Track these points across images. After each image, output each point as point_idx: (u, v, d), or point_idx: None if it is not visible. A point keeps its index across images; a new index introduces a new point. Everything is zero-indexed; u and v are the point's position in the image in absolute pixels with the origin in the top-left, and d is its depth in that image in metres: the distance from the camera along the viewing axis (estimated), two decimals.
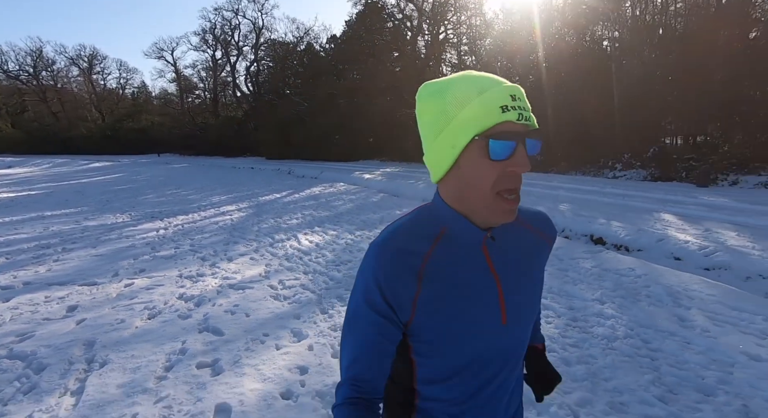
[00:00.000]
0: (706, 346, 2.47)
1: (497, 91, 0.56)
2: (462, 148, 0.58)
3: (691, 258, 4.46)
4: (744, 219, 5.66)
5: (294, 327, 2.95)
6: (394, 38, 22.22)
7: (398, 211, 8.03)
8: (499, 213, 0.60)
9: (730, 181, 8.49)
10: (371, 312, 0.62)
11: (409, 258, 0.61)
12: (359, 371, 0.63)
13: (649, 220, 5.90)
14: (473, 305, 0.64)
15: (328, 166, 19.48)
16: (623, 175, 10.73)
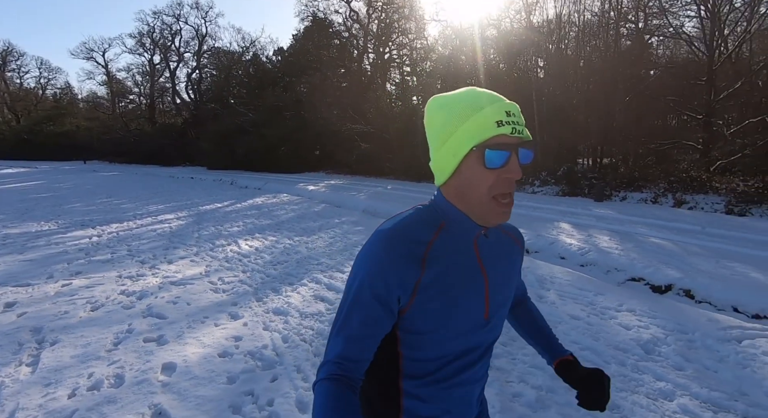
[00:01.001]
0: (547, 312, 3.40)
1: (495, 107, 0.65)
2: (462, 157, 0.66)
3: (572, 257, 5.58)
4: (618, 227, 7.05)
5: (231, 311, 3.48)
6: (340, 55, 23.19)
7: (337, 219, 8.68)
8: (494, 214, 0.68)
9: (621, 197, 10.22)
10: (372, 296, 0.66)
11: (415, 245, 0.67)
12: (349, 351, 0.66)
13: (548, 228, 7.09)
14: (464, 296, 0.70)
15: (273, 177, 19.67)
16: (540, 191, 12.31)
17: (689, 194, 9.24)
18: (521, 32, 16.97)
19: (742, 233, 6.37)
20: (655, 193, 9.79)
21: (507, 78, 17.77)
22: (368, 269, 0.67)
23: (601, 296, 3.81)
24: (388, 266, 0.65)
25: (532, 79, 16.45)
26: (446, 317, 0.69)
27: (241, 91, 27.08)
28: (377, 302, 0.66)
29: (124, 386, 2.31)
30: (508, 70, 18.16)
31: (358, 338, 0.67)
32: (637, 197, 10.02)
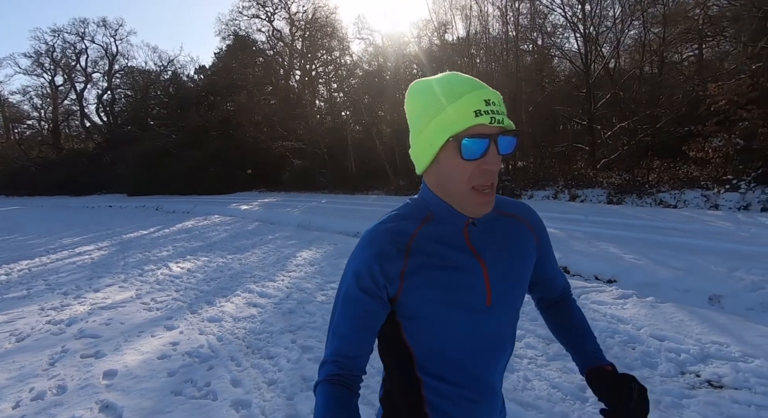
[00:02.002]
0: None
1: (473, 96, 0.63)
2: (438, 148, 0.65)
3: None
4: None
5: (167, 324, 3.78)
6: (266, 73, 23.37)
7: (271, 236, 8.99)
8: (474, 205, 0.67)
9: (529, 195, 11.70)
10: (361, 291, 0.68)
11: (398, 237, 0.70)
12: (345, 348, 0.68)
13: None
14: (456, 283, 0.70)
15: (203, 199, 19.16)
16: None
17: (581, 189, 10.91)
18: (437, 49, 18.59)
19: (614, 218, 7.82)
20: (555, 190, 11.38)
21: None
22: (354, 265, 0.70)
23: None
24: (371, 258, 0.68)
25: None
26: (439, 302, 0.69)
27: (162, 112, 25.99)
28: (366, 295, 0.68)
29: (68, 393, 2.58)
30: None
31: (352, 332, 0.68)
32: (541, 195, 11.55)
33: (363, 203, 13.43)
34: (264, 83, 23.06)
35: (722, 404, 2.00)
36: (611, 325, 3.07)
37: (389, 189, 16.70)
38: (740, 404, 2.00)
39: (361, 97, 20.74)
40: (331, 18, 21.47)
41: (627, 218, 7.85)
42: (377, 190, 17.34)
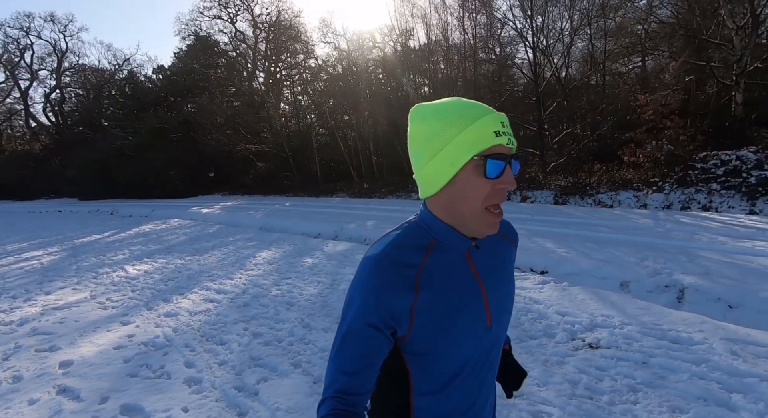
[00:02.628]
0: None
1: (491, 117, 0.67)
2: (461, 167, 0.66)
3: None
4: None
5: (122, 320, 3.95)
6: (229, 74, 23.16)
7: (232, 238, 9.11)
8: (487, 225, 0.69)
9: None
10: (367, 326, 0.66)
11: (405, 270, 0.68)
12: (348, 385, 0.66)
13: None
14: (462, 311, 0.71)
15: (162, 203, 18.71)
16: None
17: (532, 191, 11.71)
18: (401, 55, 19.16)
19: (555, 217, 8.55)
20: (509, 192, 12.14)
21: (392, 96, 19.83)
22: (361, 300, 0.67)
23: None
24: (381, 295, 0.66)
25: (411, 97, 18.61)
26: (447, 335, 0.70)
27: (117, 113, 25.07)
28: (373, 332, 0.67)
29: (24, 381, 2.75)
30: (396, 88, 20.20)
31: (356, 369, 0.67)
32: None
33: (326, 206, 13.69)
34: (227, 85, 22.85)
35: (593, 359, 2.50)
36: (527, 305, 3.57)
37: (353, 192, 17.04)
38: (606, 358, 2.51)
39: (326, 100, 21.01)
40: (295, 21, 21.64)
41: (567, 216, 8.60)
42: (341, 192, 17.64)
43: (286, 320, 3.58)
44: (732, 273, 4.21)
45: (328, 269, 5.50)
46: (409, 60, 18.64)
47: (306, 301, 4.17)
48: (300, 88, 21.71)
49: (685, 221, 6.87)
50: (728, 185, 7.85)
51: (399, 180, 16.09)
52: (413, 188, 15.19)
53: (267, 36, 22.33)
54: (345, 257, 6.29)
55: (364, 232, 8.51)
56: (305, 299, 4.24)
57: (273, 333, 3.32)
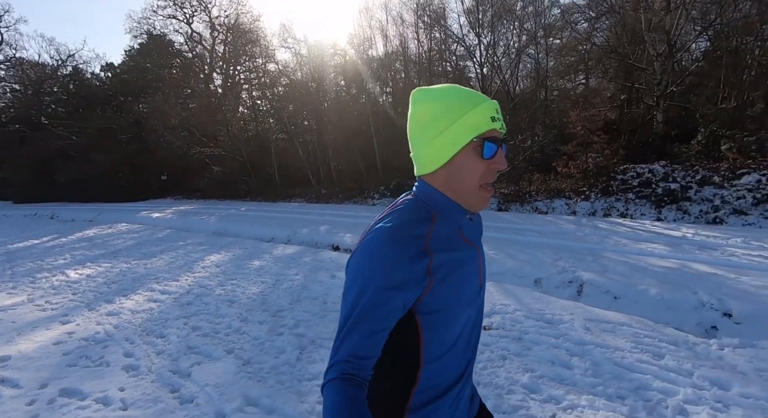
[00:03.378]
0: (333, 284, 4.97)
1: (488, 104, 0.76)
2: (461, 147, 0.75)
3: None
4: None
5: (62, 319, 4.08)
6: (185, 75, 22.73)
7: (182, 242, 9.14)
8: (481, 200, 0.80)
9: None
10: (385, 291, 0.70)
11: (417, 237, 0.75)
12: (361, 349, 0.69)
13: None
14: (466, 271, 0.81)
15: (109, 207, 18.03)
16: (379, 203, 14.65)
17: None
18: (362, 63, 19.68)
19: (494, 223, 9.29)
20: None
21: (352, 104, 20.31)
22: (380, 266, 0.71)
23: None
24: (400, 261, 0.71)
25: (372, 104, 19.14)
26: (458, 291, 0.78)
27: (59, 111, 23.84)
28: (392, 299, 0.70)
29: None
30: (358, 94, 20.66)
31: (370, 333, 0.70)
32: None
33: (283, 211, 13.87)
34: (182, 86, 22.40)
35: (482, 338, 3.04)
36: None
37: (310, 197, 17.29)
38: (492, 336, 3.06)
39: (285, 105, 21.15)
40: (254, 25, 21.67)
41: (505, 222, 9.38)
42: (299, 198, 17.83)
43: (225, 315, 3.89)
44: (623, 270, 4.97)
45: (274, 270, 5.82)
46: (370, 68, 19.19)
47: (248, 299, 4.48)
48: (259, 92, 21.69)
49: (601, 226, 7.78)
50: (641, 195, 8.93)
51: (356, 186, 16.54)
52: (369, 194, 15.69)
53: (225, 38, 22.18)
54: (292, 260, 6.62)
55: (316, 236, 8.85)
56: (247, 297, 4.55)
57: (212, 326, 3.63)
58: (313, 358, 2.92)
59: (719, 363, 2.48)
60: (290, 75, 21.63)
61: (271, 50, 21.57)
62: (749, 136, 10.38)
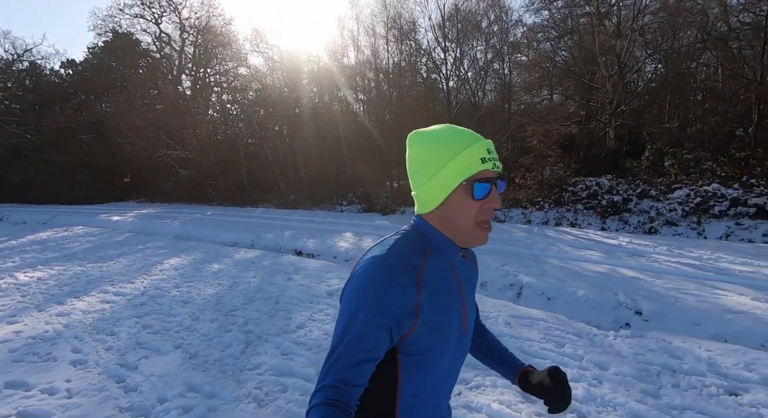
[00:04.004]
0: (288, 286, 5.18)
1: (478, 146, 0.78)
2: (452, 190, 0.78)
3: (340, 255, 7.68)
4: (383, 232, 9.69)
5: (9, 320, 4.11)
6: (152, 76, 22.34)
7: (142, 246, 9.07)
8: (478, 238, 0.81)
9: (401, 211, 13.49)
10: (377, 321, 0.71)
11: (409, 269, 0.76)
12: (349, 376, 0.70)
13: (334, 237, 9.19)
14: (451, 314, 0.81)
15: (66, 209, 17.43)
16: (347, 209, 14.91)
17: None
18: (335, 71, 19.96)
19: None
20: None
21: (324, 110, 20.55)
22: (373, 294, 0.72)
23: (331, 274, 5.86)
24: (392, 289, 0.72)
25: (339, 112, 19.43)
26: (441, 335, 0.79)
27: (13, 108, 22.86)
28: (382, 326, 0.71)
29: None
30: (330, 102, 20.89)
31: (361, 362, 0.71)
32: (411, 211, 13.40)
33: (249, 216, 13.89)
34: (148, 87, 22.00)
35: None
36: None
37: (279, 202, 17.34)
38: None
39: (256, 110, 21.16)
40: (226, 28, 21.64)
41: None
42: (268, 203, 17.84)
43: (177, 315, 4.05)
44: (560, 274, 5.44)
45: (232, 273, 5.98)
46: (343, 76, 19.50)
47: (202, 299, 4.64)
48: (229, 95, 21.60)
49: (550, 235, 8.35)
50: (589, 206, 9.62)
51: (325, 192, 16.75)
52: (338, 201, 15.92)
53: (195, 40, 22.01)
54: (252, 263, 6.78)
55: (280, 241, 9.02)
56: (202, 298, 4.71)
57: (163, 325, 3.78)
58: (257, 351, 3.15)
59: (607, 350, 2.91)
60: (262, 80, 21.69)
61: (243, 54, 21.57)
62: (688, 153, 11.38)
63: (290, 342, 3.30)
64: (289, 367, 2.87)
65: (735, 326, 3.60)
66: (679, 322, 3.86)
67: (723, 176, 8.58)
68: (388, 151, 15.67)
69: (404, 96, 17.85)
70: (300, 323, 3.73)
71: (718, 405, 2.34)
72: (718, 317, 3.77)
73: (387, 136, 16.49)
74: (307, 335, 3.48)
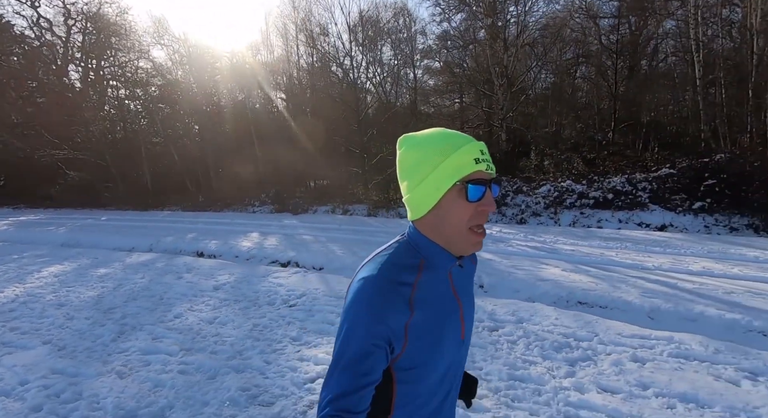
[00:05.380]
0: (175, 283, 5.43)
1: (471, 146, 0.77)
2: (445, 191, 0.76)
3: (240, 254, 7.93)
4: (289, 231, 10.09)
5: None
6: (30, 65, 20.06)
7: (16, 255, 8.44)
8: (472, 244, 0.79)
9: (312, 210, 13.94)
10: (372, 345, 0.71)
11: (401, 287, 0.75)
12: (351, 404, 0.70)
13: (238, 237, 9.36)
14: (446, 326, 0.81)
15: None
16: (259, 210, 14.96)
17: (352, 205, 13.72)
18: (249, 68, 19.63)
19: (356, 226, 10.48)
20: (334, 206, 13.94)
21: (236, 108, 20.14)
22: (366, 319, 0.72)
23: (222, 271, 6.19)
24: (382, 313, 0.72)
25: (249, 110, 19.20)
26: (435, 349, 0.78)
27: None
28: (377, 350, 0.72)
29: None
30: (244, 100, 20.46)
31: (360, 388, 0.70)
32: (323, 210, 13.95)
33: (152, 220, 13.34)
34: (25, 78, 19.73)
35: (283, 311, 3.94)
36: (273, 287, 4.93)
37: (187, 205, 16.76)
38: (291, 310, 3.98)
39: (160, 107, 20.07)
40: (122, 17, 20.20)
41: (366, 226, 10.63)
42: (174, 206, 17.13)
43: (50, 316, 4.15)
44: None
45: (119, 276, 6.02)
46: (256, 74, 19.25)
47: (80, 301, 4.73)
48: (129, 91, 20.21)
49: None
50: None
51: (238, 194, 16.56)
52: (250, 202, 15.88)
53: (84, 28, 20.23)
54: (143, 266, 6.81)
55: (181, 244, 8.99)
56: (80, 300, 4.79)
57: (33, 326, 3.88)
58: (129, 338, 3.47)
59: None
60: (167, 75, 20.58)
61: (144, 46, 20.28)
62: (561, 154, 13.43)
63: (163, 329, 3.67)
64: (157, 347, 3.26)
65: (540, 290, 4.72)
66: (506, 290, 4.92)
67: (575, 174, 10.40)
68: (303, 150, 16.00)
69: (318, 97, 18.24)
70: (178, 313, 4.09)
71: (477, 337, 3.33)
72: (532, 284, 4.88)
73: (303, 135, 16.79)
74: (183, 322, 3.86)
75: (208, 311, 4.19)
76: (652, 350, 2.96)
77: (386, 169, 14.46)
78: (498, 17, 16.01)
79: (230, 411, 2.33)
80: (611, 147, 13.27)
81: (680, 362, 2.77)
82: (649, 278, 4.66)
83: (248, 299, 4.51)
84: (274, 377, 2.69)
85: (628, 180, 8.81)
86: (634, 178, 8.80)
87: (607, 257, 5.83)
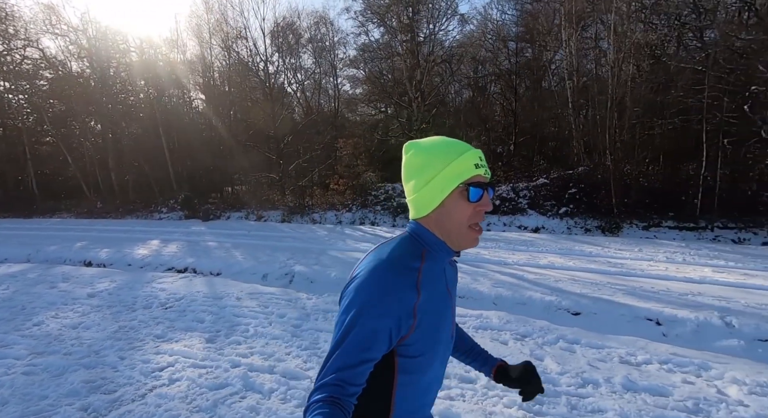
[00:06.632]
0: (46, 293, 5.16)
1: (472, 153, 0.86)
2: (449, 193, 0.85)
3: (135, 263, 7.60)
4: (195, 237, 9.81)
5: None
6: None
7: None
8: (471, 240, 0.88)
9: (226, 216, 13.62)
10: (379, 322, 0.76)
11: (410, 271, 0.82)
12: (350, 376, 0.74)
13: (135, 245, 8.89)
14: (444, 317, 0.88)
15: None
16: (167, 216, 14.24)
17: (267, 211, 13.66)
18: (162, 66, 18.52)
19: (266, 232, 10.49)
20: (248, 212, 13.76)
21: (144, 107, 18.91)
22: (376, 296, 0.77)
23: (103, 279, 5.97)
24: (394, 291, 0.78)
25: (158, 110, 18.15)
26: (435, 338, 0.85)
27: None
28: (384, 327, 0.76)
29: None
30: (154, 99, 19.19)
31: (361, 362, 0.74)
32: (237, 215, 13.70)
33: (35, 228, 12.13)
34: None
35: (157, 313, 4.03)
36: (154, 292, 4.93)
37: (81, 212, 15.40)
38: (167, 311, 4.07)
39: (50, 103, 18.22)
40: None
41: (276, 231, 10.69)
42: (66, 212, 15.64)
43: None
44: (328, 263, 6.68)
45: None
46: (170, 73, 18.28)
47: None
48: (10, 83, 18.08)
49: (346, 232, 9.85)
50: (385, 207, 11.60)
51: (143, 199, 15.61)
52: (156, 208, 15.05)
53: None
54: (11, 277, 6.30)
55: (66, 253, 8.37)
56: None
57: None
58: None
59: (291, 303, 4.13)
60: (60, 67, 18.71)
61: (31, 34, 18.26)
62: None
63: (17, 336, 3.56)
64: (3, 353, 3.18)
65: None
66: None
67: None
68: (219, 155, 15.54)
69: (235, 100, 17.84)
70: (38, 321, 3.96)
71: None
72: None
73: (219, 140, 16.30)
74: (41, 329, 3.76)
75: (75, 317, 4.11)
76: (464, 325, 3.63)
77: (304, 176, 14.64)
78: (415, 34, 17.08)
79: (67, 400, 2.43)
80: (510, 158, 14.79)
81: (480, 331, 3.52)
82: (504, 272, 5.45)
83: (123, 304, 4.47)
84: (124, 369, 2.82)
85: (512, 188, 9.99)
86: (517, 186, 10.00)
87: (481, 255, 6.63)
